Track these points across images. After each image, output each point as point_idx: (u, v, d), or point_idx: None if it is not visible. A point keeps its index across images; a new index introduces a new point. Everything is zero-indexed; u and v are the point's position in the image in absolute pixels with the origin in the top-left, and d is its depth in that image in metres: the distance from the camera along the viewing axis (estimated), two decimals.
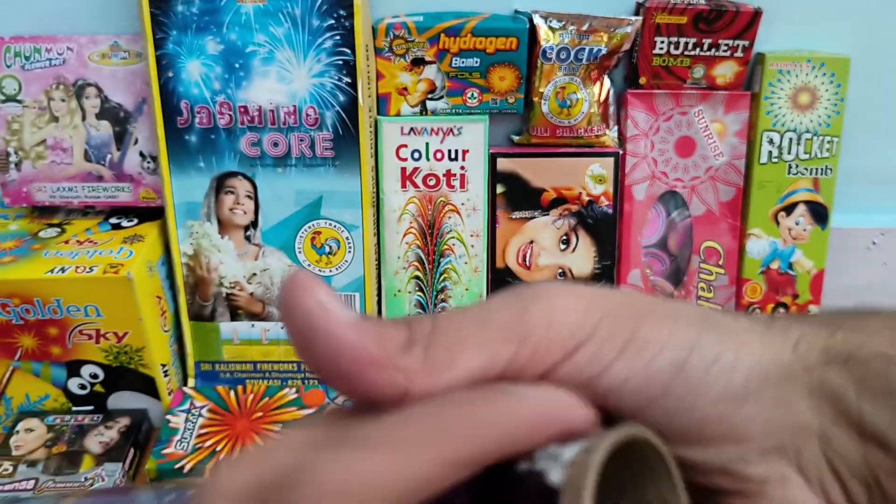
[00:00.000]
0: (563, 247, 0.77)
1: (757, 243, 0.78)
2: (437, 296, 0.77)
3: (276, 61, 0.67)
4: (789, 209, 0.77)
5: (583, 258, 0.77)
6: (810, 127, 0.74)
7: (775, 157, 0.75)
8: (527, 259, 0.77)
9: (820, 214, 0.77)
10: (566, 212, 0.76)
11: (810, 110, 0.74)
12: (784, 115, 0.74)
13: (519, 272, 0.77)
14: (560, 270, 0.77)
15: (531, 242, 0.76)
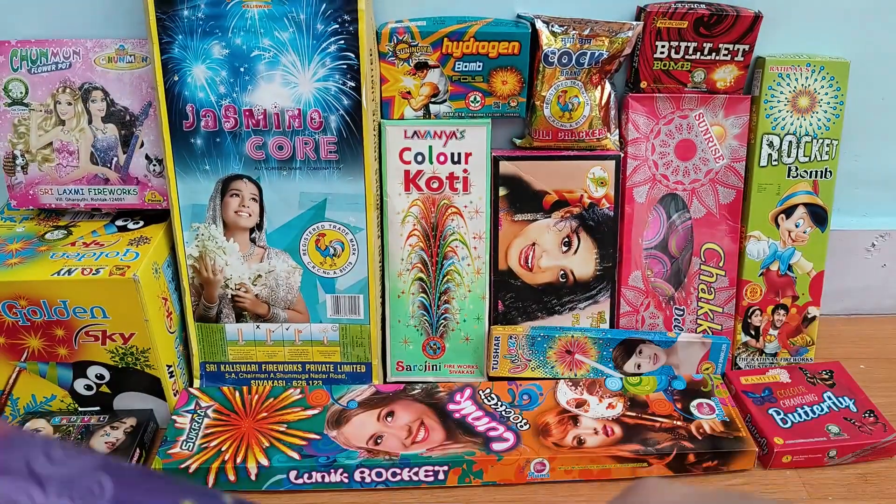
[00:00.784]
0: (564, 249, 0.77)
1: (757, 245, 0.78)
2: (440, 297, 0.77)
3: (281, 65, 0.67)
4: (789, 211, 0.77)
5: (584, 260, 0.78)
6: (810, 130, 0.75)
7: (775, 160, 0.76)
8: (529, 261, 0.77)
9: (819, 217, 0.78)
10: (568, 214, 0.76)
11: (810, 113, 0.75)
12: (784, 119, 0.75)
13: (521, 274, 0.78)
14: (562, 272, 0.78)
15: (533, 244, 0.77)
